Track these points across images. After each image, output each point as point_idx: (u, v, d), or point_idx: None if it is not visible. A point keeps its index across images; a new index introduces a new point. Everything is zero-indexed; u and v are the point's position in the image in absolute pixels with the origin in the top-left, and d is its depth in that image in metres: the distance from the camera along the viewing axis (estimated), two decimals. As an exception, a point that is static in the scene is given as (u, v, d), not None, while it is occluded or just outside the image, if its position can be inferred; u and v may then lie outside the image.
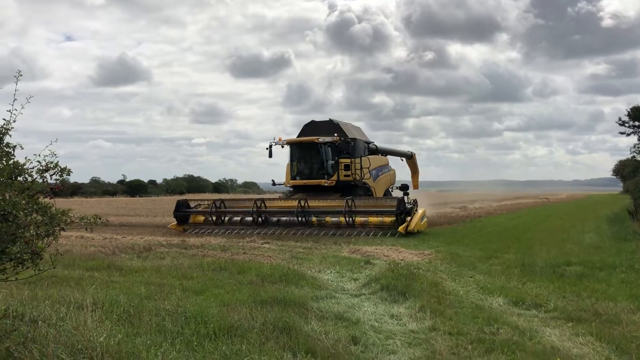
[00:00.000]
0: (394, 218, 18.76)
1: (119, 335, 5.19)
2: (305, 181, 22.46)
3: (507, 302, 8.65)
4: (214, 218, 21.25)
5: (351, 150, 22.24)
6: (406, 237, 19.17)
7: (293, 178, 23.06)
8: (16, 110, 4.35)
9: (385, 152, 27.65)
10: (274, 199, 23.36)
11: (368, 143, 25.04)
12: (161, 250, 14.65)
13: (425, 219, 19.15)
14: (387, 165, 26.81)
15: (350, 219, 19.09)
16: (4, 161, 3.89)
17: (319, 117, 26.38)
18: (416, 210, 19.74)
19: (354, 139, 22.85)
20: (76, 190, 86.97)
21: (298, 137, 23.49)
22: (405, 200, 20.72)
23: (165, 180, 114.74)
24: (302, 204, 19.75)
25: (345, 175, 22.05)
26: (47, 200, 4.09)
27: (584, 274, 10.94)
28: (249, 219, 20.67)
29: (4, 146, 4.18)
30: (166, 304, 7.23)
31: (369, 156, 24.21)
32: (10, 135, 4.28)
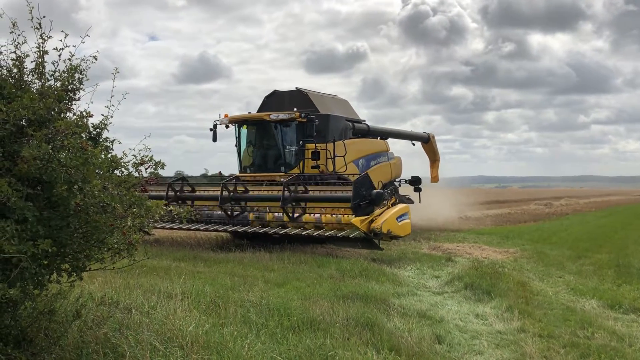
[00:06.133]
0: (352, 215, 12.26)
1: (207, 325, 5.31)
2: (256, 174, 16.41)
3: (601, 305, 8.21)
4: None
5: (319, 131, 15.72)
6: (489, 234, 18.56)
7: (243, 170, 17.08)
8: (113, 106, 4.55)
9: (385, 134, 20.71)
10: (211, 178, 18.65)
11: (355, 122, 18.59)
12: (244, 242, 14.97)
13: (408, 221, 13.07)
14: (384, 152, 19.98)
15: (294, 213, 13.21)
16: (103, 155, 4.07)
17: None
18: (393, 203, 13.35)
19: (327, 116, 16.48)
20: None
21: (258, 112, 17.40)
22: (385, 188, 15.01)
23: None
24: (231, 190, 14.17)
25: (312, 167, 15.75)
26: (141, 193, 4.25)
27: (688, 277, 10.21)
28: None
29: (103, 140, 4.40)
30: (250, 295, 7.36)
31: (351, 140, 17.68)
32: (108, 130, 4.50)
